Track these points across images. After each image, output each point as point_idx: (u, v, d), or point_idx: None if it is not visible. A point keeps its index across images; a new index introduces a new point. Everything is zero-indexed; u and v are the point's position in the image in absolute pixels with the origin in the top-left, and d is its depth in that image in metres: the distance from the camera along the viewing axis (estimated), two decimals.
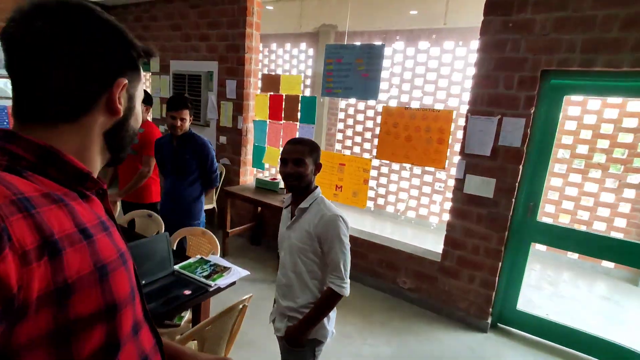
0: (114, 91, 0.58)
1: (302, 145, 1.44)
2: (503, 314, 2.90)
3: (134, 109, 0.65)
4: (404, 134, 3.10)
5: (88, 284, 0.49)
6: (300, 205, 1.46)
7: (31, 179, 0.49)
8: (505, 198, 2.63)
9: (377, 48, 3.14)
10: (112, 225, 0.61)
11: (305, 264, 1.46)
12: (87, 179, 0.57)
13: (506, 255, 2.76)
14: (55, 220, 0.47)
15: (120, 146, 0.65)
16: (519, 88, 2.50)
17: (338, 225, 1.41)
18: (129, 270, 0.59)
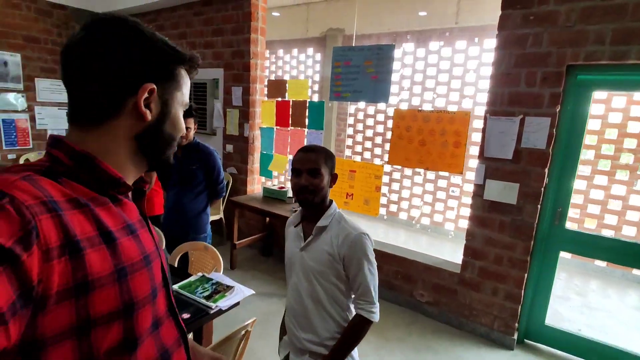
0: (139, 96, 0.60)
1: (316, 153, 1.27)
2: (530, 330, 2.68)
3: (168, 115, 0.66)
4: (417, 138, 2.94)
5: (107, 283, 0.53)
6: (318, 223, 1.28)
7: (64, 184, 0.54)
8: (530, 204, 2.44)
9: (387, 49, 3.00)
10: (143, 226, 0.66)
11: (326, 290, 1.28)
12: (118, 184, 0.61)
13: (532, 266, 2.55)
14: (78, 224, 0.51)
15: (155, 151, 0.67)
16: (542, 85, 2.32)
17: (365, 244, 1.25)
18: (151, 270, 0.63)
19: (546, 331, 2.63)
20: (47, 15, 4.72)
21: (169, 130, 0.67)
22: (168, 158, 0.71)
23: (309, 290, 1.30)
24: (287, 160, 3.76)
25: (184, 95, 0.69)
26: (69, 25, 4.92)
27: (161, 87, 0.63)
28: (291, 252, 1.37)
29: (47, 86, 4.80)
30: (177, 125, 0.69)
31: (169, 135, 0.67)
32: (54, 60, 4.82)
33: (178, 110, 0.68)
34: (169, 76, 0.65)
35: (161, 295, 0.67)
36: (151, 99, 0.62)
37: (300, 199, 1.27)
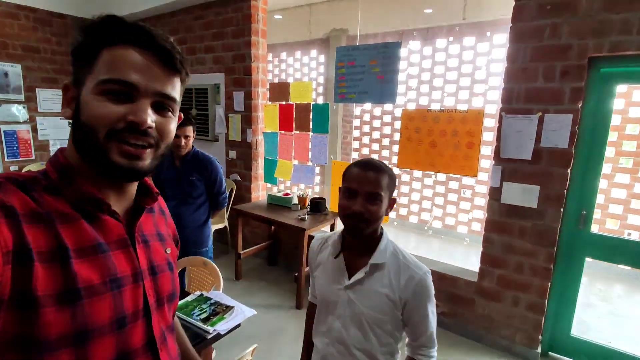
0: (62, 97, 0.59)
1: (378, 173, 1.01)
2: (555, 342, 2.50)
3: (79, 105, 0.57)
4: (427, 139, 2.78)
5: (54, 304, 0.49)
6: (372, 259, 1.05)
7: (37, 197, 0.53)
8: (553, 207, 2.26)
9: (393, 46, 2.85)
10: (121, 247, 0.61)
11: (380, 338, 1.06)
12: (90, 201, 0.58)
13: (556, 274, 2.38)
14: (33, 237, 0.49)
15: (84, 150, 0.58)
16: (562, 80, 2.15)
17: (431, 286, 1.06)
18: (119, 296, 0.57)
19: (572, 343, 2.45)
20: (46, 25, 4.67)
21: (83, 120, 0.56)
22: (103, 159, 0.56)
23: (360, 340, 1.07)
24: (291, 165, 3.63)
25: (99, 74, 0.55)
26: (69, 34, 4.87)
27: (76, 79, 0.58)
28: (328, 288, 1.12)
29: (49, 96, 4.75)
30: (90, 111, 0.56)
31: (83, 127, 0.56)
32: (54, 70, 4.77)
33: (89, 95, 0.56)
34: (81, 64, 0.58)
35: (137, 326, 0.61)
36: (69, 92, 0.59)
37: (349, 227, 1.03)
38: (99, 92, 0.55)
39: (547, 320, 2.43)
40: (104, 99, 0.55)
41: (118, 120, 0.55)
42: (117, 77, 0.55)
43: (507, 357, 2.50)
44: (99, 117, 0.55)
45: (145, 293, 0.63)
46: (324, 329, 1.13)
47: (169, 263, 0.72)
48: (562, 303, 2.43)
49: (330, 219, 3.22)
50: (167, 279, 0.69)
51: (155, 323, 0.65)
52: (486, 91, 4.47)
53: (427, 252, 4.32)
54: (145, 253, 0.66)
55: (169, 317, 0.71)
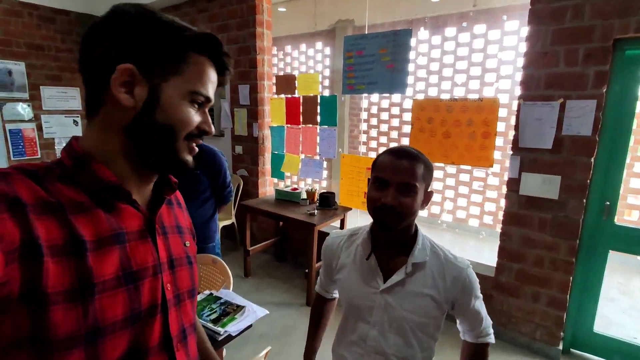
0: (113, 77, 0.54)
1: (413, 161, 0.90)
2: (577, 338, 2.40)
3: (158, 101, 0.57)
4: (440, 130, 2.68)
5: (65, 301, 0.47)
6: (413, 258, 0.95)
7: (49, 187, 0.51)
8: (575, 199, 2.16)
9: (403, 34, 2.75)
10: (141, 237, 0.60)
11: (421, 343, 0.97)
12: (110, 189, 0.56)
13: (578, 267, 2.28)
14: (44, 229, 0.47)
15: (150, 146, 0.59)
16: (585, 63, 2.04)
17: (476, 278, 1.00)
18: (137, 290, 0.56)
19: (595, 339, 2.35)
20: (50, 22, 4.62)
21: (162, 119, 0.57)
22: (175, 157, 0.61)
23: (401, 348, 0.97)
24: (299, 160, 3.55)
25: (189, 82, 0.59)
26: (73, 31, 4.82)
27: (148, 69, 0.55)
28: (358, 292, 1.00)
29: (53, 94, 4.71)
30: (176, 115, 0.58)
31: (164, 126, 0.57)
32: (58, 68, 4.72)
33: (176, 98, 0.58)
34: (163, 58, 0.56)
35: (153, 322, 0.58)
36: (134, 83, 0.55)
37: (380, 221, 0.92)
38: (190, 99, 0.59)
39: (568, 316, 2.34)
40: (190, 107, 0.60)
41: (195, 126, 0.61)
42: (206, 94, 0.61)
43: (527, 354, 2.42)
44: (186, 123, 0.60)
45: (164, 287, 0.61)
46: (354, 337, 1.02)
47: (188, 257, 0.71)
48: (584, 298, 2.33)
49: (340, 214, 3.14)
50: (186, 274, 0.68)
51: (173, 320, 0.63)
52: (498, 79, 4.33)
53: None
54: (164, 245, 0.64)
55: (191, 314, 0.69)
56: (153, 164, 0.61)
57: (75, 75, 4.86)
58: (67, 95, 4.80)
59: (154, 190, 0.67)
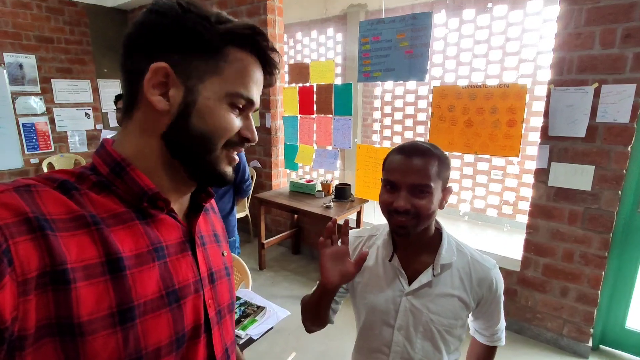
0: (146, 78, 0.49)
1: (426, 160, 0.83)
2: (607, 335, 2.30)
3: (193, 104, 0.51)
4: (462, 118, 2.56)
5: (104, 328, 0.42)
6: (441, 259, 0.90)
7: (82, 197, 0.46)
8: (609, 190, 2.04)
9: (423, 17, 2.61)
10: (183, 251, 0.54)
11: (449, 346, 0.93)
12: (146, 197, 0.50)
13: (610, 262, 2.16)
14: (76, 247, 0.42)
15: (186, 155, 0.53)
16: (623, 44, 1.89)
17: (502, 278, 0.96)
18: (180, 310, 0.50)
19: (627, 335, 2.25)
20: (58, 14, 4.56)
21: (198, 125, 0.51)
22: (213, 168, 0.54)
23: (429, 352, 0.91)
24: (313, 150, 3.46)
25: (228, 83, 0.51)
26: (82, 22, 4.76)
27: (184, 69, 0.50)
28: (381, 296, 0.94)
29: (64, 87, 4.69)
30: (213, 120, 0.52)
31: (199, 133, 0.51)
32: (68, 60, 4.68)
33: (213, 101, 0.51)
34: (199, 55, 0.50)
35: (197, 344, 0.54)
36: (169, 84, 0.50)
37: (393, 225, 0.86)
38: (229, 102, 0.52)
39: (599, 312, 2.24)
40: (229, 110, 0.53)
41: (235, 133, 0.55)
42: (248, 96, 0.54)
43: (553, 350, 2.33)
44: (226, 129, 0.53)
45: (206, 304, 0.56)
46: (378, 344, 0.95)
47: (226, 268, 0.66)
48: (616, 293, 2.22)
49: (357, 206, 3.06)
50: (225, 287, 0.63)
51: (217, 339, 0.58)
52: (519, 65, 4.14)
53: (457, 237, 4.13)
54: (204, 258, 0.59)
55: (232, 331, 0.65)
56: (190, 175, 0.55)
57: (85, 68, 4.83)
58: (78, 87, 4.77)
59: (191, 197, 0.62)
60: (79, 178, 0.49)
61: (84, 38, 4.78)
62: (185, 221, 0.59)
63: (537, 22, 3.95)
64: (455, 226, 4.77)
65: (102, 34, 4.91)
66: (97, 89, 4.95)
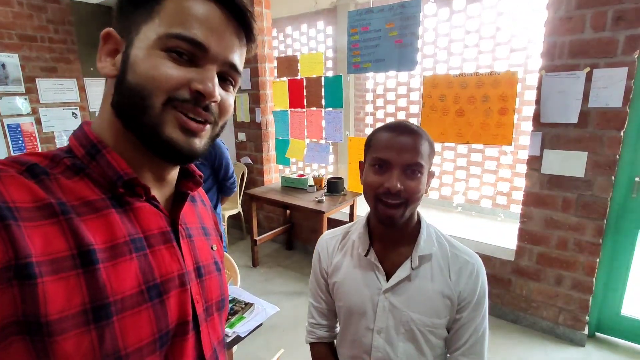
0: (99, 48, 0.47)
1: (417, 138, 0.78)
2: (603, 322, 2.29)
3: (128, 60, 0.44)
4: (454, 107, 2.52)
5: (75, 326, 0.38)
6: (419, 250, 0.83)
7: (48, 183, 0.41)
8: (602, 176, 2.01)
9: (411, 5, 2.56)
10: (166, 241, 0.49)
11: (435, 349, 0.85)
12: (121, 181, 0.45)
13: (605, 248, 2.15)
14: (41, 239, 0.38)
15: (129, 119, 0.46)
16: (615, 27, 1.86)
17: (485, 279, 0.85)
18: (162, 306, 0.46)
19: (623, 322, 2.24)
20: (41, 11, 4.46)
21: (131, 81, 0.44)
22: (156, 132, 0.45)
23: (412, 356, 0.84)
24: (304, 145, 3.41)
25: (161, 26, 0.44)
26: (66, 20, 4.66)
27: (125, 27, 0.45)
28: (358, 296, 0.87)
29: (50, 86, 4.59)
30: (143, 71, 0.44)
31: (132, 89, 0.44)
32: (53, 59, 4.58)
33: (145, 49, 0.44)
34: (134, 8, 0.45)
35: (184, 342, 0.49)
36: (118, 48, 0.46)
37: (382, 211, 0.78)
38: (161, 47, 0.44)
39: (594, 299, 2.22)
40: (165, 57, 0.44)
41: (181, 87, 0.45)
42: (187, 35, 0.44)
43: (549, 339, 2.32)
44: (158, 79, 0.44)
45: (193, 300, 0.51)
46: (357, 350, 0.89)
47: (216, 262, 0.61)
48: (611, 280, 2.21)
49: (349, 199, 3.03)
50: (214, 282, 0.58)
51: (205, 338, 0.53)
52: (510, 53, 4.12)
53: (452, 228, 4.11)
54: (190, 250, 0.54)
55: (220, 330, 0.60)
56: (145, 143, 0.47)
57: (71, 67, 4.73)
58: (64, 87, 4.67)
59: (176, 185, 0.57)
60: (52, 161, 0.44)
61: (68, 37, 4.68)
62: (170, 211, 0.54)
63: (527, 11, 3.92)
64: (449, 218, 4.76)
65: (87, 31, 4.81)
66: (83, 87, 4.86)
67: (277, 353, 1.16)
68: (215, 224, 0.68)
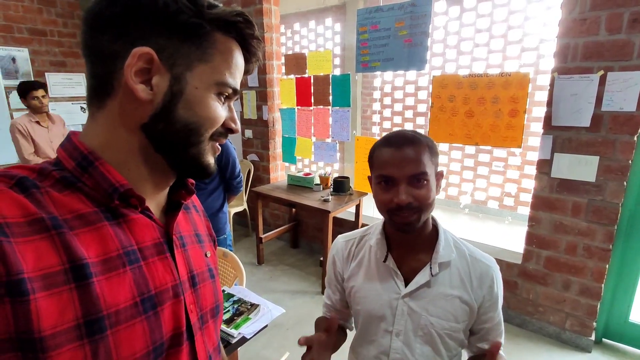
0: (127, 64, 0.44)
1: (417, 147, 0.78)
2: (611, 328, 2.27)
3: (181, 94, 0.46)
4: (463, 109, 2.49)
5: (69, 341, 0.38)
6: (438, 257, 0.84)
7: (39, 197, 0.41)
8: (614, 181, 1.98)
9: (422, 4, 2.53)
10: (159, 253, 0.50)
11: (451, 350, 0.87)
12: (117, 194, 0.46)
13: (615, 254, 2.12)
14: (33, 255, 0.37)
15: (170, 147, 0.49)
16: (631, 30, 1.82)
17: (501, 280, 0.89)
18: (157, 318, 0.46)
19: (630, 329, 2.22)
20: (51, 5, 4.48)
21: (186, 116, 0.47)
22: (198, 160, 0.51)
23: (429, 358, 0.86)
24: (311, 143, 3.40)
25: (216, 71, 0.48)
26: (75, 14, 4.68)
27: (170, 54, 0.45)
28: (377, 300, 0.88)
29: (59, 80, 4.62)
30: (201, 111, 0.48)
31: (186, 124, 0.48)
32: (62, 53, 4.61)
33: (203, 90, 0.48)
34: (187, 40, 0.46)
35: (179, 353, 0.50)
36: (153, 71, 0.45)
37: (397, 224, 0.80)
38: (217, 92, 0.50)
39: (602, 305, 2.20)
40: (216, 100, 0.50)
41: (221, 123, 0.52)
42: (234, 86, 0.52)
43: (555, 344, 2.30)
44: (214, 120, 0.50)
45: (187, 310, 0.52)
46: (375, 352, 0.90)
47: (210, 270, 0.61)
48: (620, 286, 2.18)
49: (355, 199, 3.01)
50: (208, 290, 0.59)
51: (200, 346, 0.54)
52: (521, 53, 4.06)
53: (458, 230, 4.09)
54: (184, 259, 0.55)
55: (215, 336, 0.60)
56: (173, 167, 0.52)
57: (80, 61, 4.75)
58: (73, 81, 4.70)
59: (170, 194, 0.58)
60: (40, 174, 0.44)
61: (77, 31, 4.70)
62: (163, 220, 0.55)
63: (540, 9, 3.86)
64: (455, 219, 4.73)
65: None
66: None
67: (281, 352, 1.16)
68: (208, 230, 0.68)
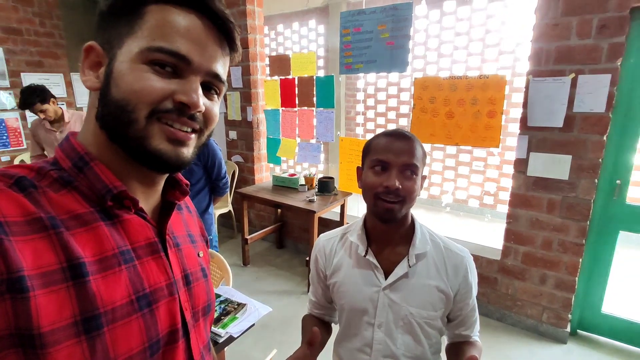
0: (81, 61, 0.47)
1: (412, 143, 0.85)
2: (585, 320, 2.37)
3: (111, 74, 0.45)
4: (443, 110, 2.56)
5: (67, 338, 0.39)
6: (416, 249, 0.89)
7: (37, 196, 0.42)
8: (586, 179, 2.08)
9: (403, 8, 2.59)
10: (153, 253, 0.50)
11: (431, 339, 0.92)
12: (110, 195, 0.46)
13: (587, 249, 2.22)
14: (32, 253, 0.39)
15: (115, 132, 0.46)
16: (599, 35, 1.92)
17: (475, 269, 0.95)
18: (152, 315, 0.47)
19: (603, 320, 2.32)
20: (27, 4, 4.35)
21: (115, 94, 0.44)
22: (142, 145, 0.46)
23: (411, 347, 0.90)
24: (296, 144, 3.42)
25: (139, 38, 0.44)
26: (53, 14, 4.56)
27: (108, 41, 0.46)
28: (359, 294, 0.92)
29: (35, 81, 4.45)
30: (125, 85, 0.44)
31: (115, 102, 0.44)
32: (39, 53, 4.49)
33: (128, 62, 0.44)
34: (118, 21, 0.45)
35: (174, 350, 0.51)
36: (101, 61, 0.46)
37: (381, 209, 0.84)
38: (144, 60, 0.44)
39: (576, 298, 2.29)
40: (148, 71, 0.44)
41: (164, 99, 0.45)
42: (170, 48, 0.44)
43: (533, 336, 2.39)
44: (141, 93, 0.44)
45: (182, 308, 0.53)
46: (359, 344, 0.94)
47: (203, 269, 0.62)
48: (592, 279, 2.28)
49: (340, 199, 3.05)
50: (201, 289, 0.60)
51: (195, 343, 0.55)
52: (499, 56, 4.19)
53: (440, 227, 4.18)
54: (178, 259, 0.56)
55: (205, 334, 0.61)
56: (131, 157, 0.48)
57: (58, 62, 4.64)
58: (50, 82, 4.57)
59: (163, 194, 0.58)
60: (38, 174, 0.45)
61: (55, 31, 4.59)
62: (157, 220, 0.55)
63: (516, 13, 3.99)
64: (438, 217, 4.83)
65: (75, 26, 4.72)
66: (70, 83, 4.77)
67: (267, 352, 1.17)
68: (201, 230, 0.69)
